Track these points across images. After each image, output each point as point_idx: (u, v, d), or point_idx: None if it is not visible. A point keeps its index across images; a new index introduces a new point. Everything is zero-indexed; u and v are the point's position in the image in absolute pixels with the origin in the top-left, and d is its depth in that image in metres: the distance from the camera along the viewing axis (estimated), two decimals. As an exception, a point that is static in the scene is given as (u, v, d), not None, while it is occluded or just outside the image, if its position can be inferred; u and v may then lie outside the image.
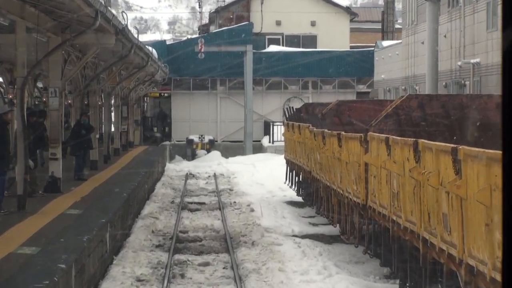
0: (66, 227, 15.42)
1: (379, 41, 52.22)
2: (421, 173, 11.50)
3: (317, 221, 25.16)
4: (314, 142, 22.05)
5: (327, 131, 19.51)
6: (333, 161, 18.90)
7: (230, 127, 53.16)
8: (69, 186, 22.51)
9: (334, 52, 53.42)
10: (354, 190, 16.82)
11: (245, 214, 26.09)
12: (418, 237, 11.85)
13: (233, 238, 21.41)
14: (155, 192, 32.20)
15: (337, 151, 18.09)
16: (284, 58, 52.76)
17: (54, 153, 21.11)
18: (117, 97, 37.23)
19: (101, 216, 17.12)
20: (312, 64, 52.78)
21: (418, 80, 38.08)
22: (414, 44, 38.63)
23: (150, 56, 32.62)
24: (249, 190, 33.76)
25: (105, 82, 29.57)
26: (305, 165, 25.21)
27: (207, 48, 49.84)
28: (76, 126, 24.47)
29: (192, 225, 24.07)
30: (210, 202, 30.10)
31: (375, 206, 14.92)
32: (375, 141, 14.85)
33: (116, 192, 22.08)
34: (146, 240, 20.91)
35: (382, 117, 15.81)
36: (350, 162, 16.89)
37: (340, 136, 17.79)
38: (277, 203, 29.38)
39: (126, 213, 20.95)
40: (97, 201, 19.90)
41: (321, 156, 20.94)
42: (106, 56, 26.39)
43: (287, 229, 23.20)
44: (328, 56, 52.82)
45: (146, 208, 27.10)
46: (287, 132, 30.55)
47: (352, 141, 16.68)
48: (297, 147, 27.41)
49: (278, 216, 25.77)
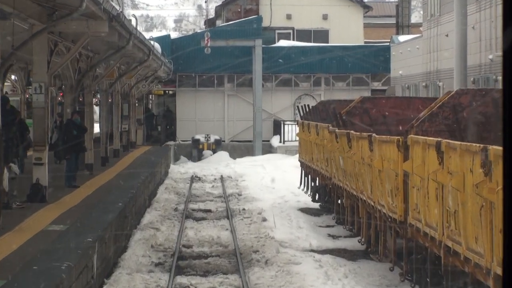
0: (43, 250, 12.73)
1: (395, 36, 49.43)
2: (492, 189, 8.79)
3: (337, 232, 22.47)
4: (336, 145, 19.33)
5: (353, 133, 16.78)
6: (362, 167, 16.18)
7: (238, 126, 50.36)
8: (57, 194, 19.84)
9: (348, 47, 50.63)
10: (389, 203, 14.11)
11: (256, 224, 23.40)
12: (488, 273, 9.11)
13: (243, 254, 18.72)
14: (157, 198, 29.53)
15: (367, 156, 15.38)
16: (295, 54, 49.98)
17: (39, 158, 18.46)
18: (117, 94, 34.52)
19: (89, 233, 14.44)
20: (325, 60, 49.98)
21: (441, 76, 35.30)
22: (436, 37, 35.85)
23: (152, 50, 29.89)
24: (259, 195, 31.10)
25: (102, 77, 26.84)
26: (324, 170, 22.50)
27: (214, 43, 47.10)
28: (67, 125, 21.77)
29: (197, 237, 21.38)
30: (216, 209, 27.40)
31: (419, 225, 12.21)
32: (419, 146, 12.13)
33: (110, 201, 19.40)
34: (145, 257, 18.23)
35: (426, 116, 13.07)
36: (384, 170, 14.16)
37: (371, 138, 15.07)
38: (291, 210, 26.71)
39: (122, 227, 18.26)
40: (87, 213, 17.22)
41: (345, 161, 18.21)
42: (102, 48, 23.68)
43: (304, 243, 20.52)
44: (341, 52, 50.02)
45: (146, 217, 24.44)
46: (301, 132, 27.83)
47: (387, 145, 13.96)
48: (314, 149, 24.70)
49: (293, 226, 23.08)
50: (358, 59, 50.16)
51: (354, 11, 54.91)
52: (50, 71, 18.49)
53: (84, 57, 24.59)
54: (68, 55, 19.10)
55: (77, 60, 22.90)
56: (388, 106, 20.73)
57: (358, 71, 50.47)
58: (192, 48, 48.55)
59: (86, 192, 21.05)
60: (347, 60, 49.99)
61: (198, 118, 50.43)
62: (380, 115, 20.17)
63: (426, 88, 37.18)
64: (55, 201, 18.71)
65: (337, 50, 50.23)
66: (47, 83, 18.26)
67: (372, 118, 20.69)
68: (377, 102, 21.13)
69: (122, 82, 34.81)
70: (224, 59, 49.35)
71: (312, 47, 50.84)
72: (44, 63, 18.11)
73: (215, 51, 48.14)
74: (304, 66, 49.83)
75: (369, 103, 21.00)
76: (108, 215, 17.08)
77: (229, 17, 55.18)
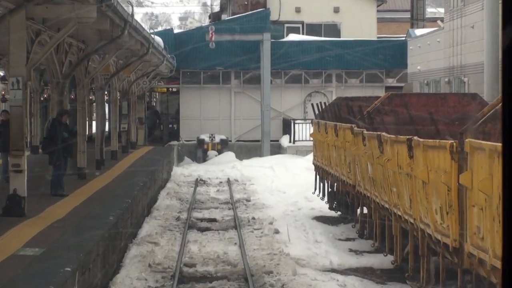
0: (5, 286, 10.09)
1: (411, 29, 46.67)
2: None
3: (359, 246, 19.82)
4: (363, 148, 16.65)
5: (387, 135, 14.08)
6: (398, 177, 13.50)
7: (245, 125, 47.59)
8: (39, 206, 17.20)
9: (361, 42, 47.83)
10: (436, 222, 11.44)
11: (268, 237, 20.74)
12: None
13: (255, 276, 16.07)
14: (158, 204, 26.90)
15: (405, 164, 12.70)
16: (305, 49, 47.19)
17: (17, 164, 15.81)
18: (115, 91, 31.84)
19: (69, 259, 11.79)
20: (336, 55, 47.20)
21: (467, 71, 32.56)
22: (460, 29, 33.09)
23: (152, 42, 27.19)
24: (270, 201, 28.48)
25: (96, 72, 24.15)
26: (346, 177, 19.82)
27: (219, 37, 44.35)
28: (53, 126, 19.09)
29: (201, 253, 18.72)
30: (223, 218, 24.75)
31: (484, 256, 9.53)
32: (484, 154, 9.46)
33: (100, 214, 16.74)
34: (140, 280, 15.60)
35: (490, 114, 10.38)
36: (431, 182, 11.48)
37: (411, 142, 12.38)
38: (305, 219, 24.08)
39: (113, 245, 15.61)
40: (70, 230, 14.57)
41: (375, 167, 15.53)
42: (94, 38, 21.00)
43: (323, 260, 17.88)
44: (354, 46, 47.22)
45: (144, 227, 21.82)
46: (317, 133, 25.13)
47: (435, 151, 11.28)
48: (332, 152, 22.01)
49: (309, 239, 20.43)
50: (372, 55, 47.41)
51: (367, 4, 52.15)
52: (30, 63, 15.85)
53: (76, 49, 21.95)
54: (50, 44, 16.38)
55: (66, 51, 20.26)
56: (421, 103, 18.11)
57: (372, 67, 47.69)
58: (196, 42, 45.78)
59: (74, 202, 18.38)
60: (360, 56, 47.17)
61: (203, 117, 47.71)
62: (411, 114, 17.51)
63: (449, 84, 34.43)
64: (35, 215, 16.06)
65: (349, 45, 47.48)
66: (25, 77, 15.60)
67: (402, 118, 18.05)
68: (407, 99, 18.51)
69: (121, 78, 32.11)
70: (231, 55, 46.66)
71: (324, 41, 48.07)
72: (23, 54, 15.45)
73: (220, 46, 45.43)
74: (315, 61, 47.09)
75: (398, 100, 18.38)
76: (96, 232, 14.44)
77: (235, 11, 52.43)
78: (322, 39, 48.73)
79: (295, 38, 48.88)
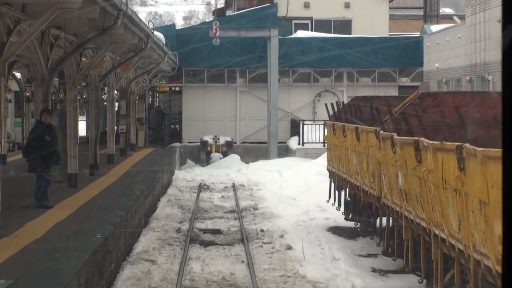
0: None
1: (427, 25, 44.29)
2: None
3: (383, 264, 17.56)
4: (392, 156, 14.31)
5: (428, 142, 11.71)
6: (443, 192, 11.15)
7: (251, 126, 45.19)
8: (18, 221, 14.92)
9: (373, 39, 45.43)
10: (498, 253, 9.10)
11: (279, 253, 18.42)
12: None
13: (267, 306, 13.76)
14: (157, 214, 24.62)
15: (453, 177, 10.36)
16: (314, 46, 44.79)
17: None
18: (111, 89, 29.53)
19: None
20: (347, 53, 44.79)
21: (491, 68, 30.20)
22: (484, 24, 30.72)
23: (150, 36, 24.87)
24: (279, 210, 26.18)
25: (88, 68, 21.82)
26: (368, 186, 17.48)
27: (224, 33, 41.99)
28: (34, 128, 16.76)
29: (203, 274, 16.40)
30: (228, 230, 22.42)
31: None
32: None
33: (86, 231, 14.42)
34: (132, 310, 13.31)
35: None
36: (491, 203, 9.14)
37: (462, 151, 10.04)
38: (319, 231, 21.80)
39: (100, 271, 13.28)
40: (49, 253, 12.25)
41: (408, 179, 13.18)
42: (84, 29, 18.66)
43: (345, 283, 15.58)
44: (365, 44, 44.84)
45: (140, 241, 19.54)
46: (332, 135, 22.80)
47: (493, 162, 8.94)
48: (350, 158, 19.68)
49: (326, 257, 18.12)
50: (385, 52, 45.02)
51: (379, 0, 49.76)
52: (4, 55, 13.55)
53: (65, 41, 19.64)
54: (28, 33, 14.06)
55: (51, 44, 17.94)
56: (457, 103, 15.77)
57: (384, 65, 45.29)
58: (199, 39, 43.41)
59: (59, 215, 16.06)
60: (372, 53, 44.78)
61: (206, 117, 45.34)
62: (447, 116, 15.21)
63: (471, 82, 32.06)
64: (11, 233, 13.76)
65: (361, 42, 45.08)
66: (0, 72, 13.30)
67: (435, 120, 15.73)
68: (441, 99, 16.18)
69: (118, 76, 29.78)
70: (236, 52, 44.30)
71: (334, 38, 45.65)
72: (-5, 45, 13.16)
73: (225, 43, 43.07)
74: (325, 59, 44.69)
75: (430, 100, 16.08)
76: (79, 255, 12.12)
77: (240, 6, 50.03)
78: (332, 36, 46.37)
79: (304, 34, 46.51)
